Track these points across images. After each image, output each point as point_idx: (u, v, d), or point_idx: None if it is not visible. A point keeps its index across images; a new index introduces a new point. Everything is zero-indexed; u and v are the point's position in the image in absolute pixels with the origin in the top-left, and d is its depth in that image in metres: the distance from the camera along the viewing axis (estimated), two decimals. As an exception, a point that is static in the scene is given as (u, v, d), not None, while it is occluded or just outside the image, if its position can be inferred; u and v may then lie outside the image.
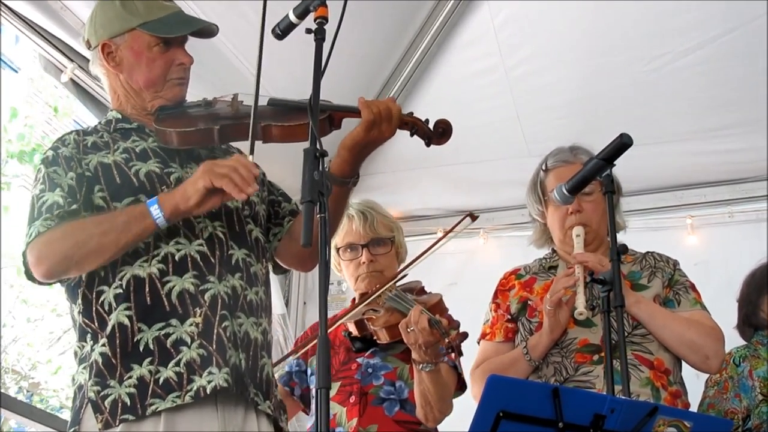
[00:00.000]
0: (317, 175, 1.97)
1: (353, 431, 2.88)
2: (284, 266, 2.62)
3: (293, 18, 2.28)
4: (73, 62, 3.66)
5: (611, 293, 2.50)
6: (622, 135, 2.54)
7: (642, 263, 3.08)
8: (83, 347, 2.26)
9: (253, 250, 2.41)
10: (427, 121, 2.43)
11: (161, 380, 2.16)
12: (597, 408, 2.07)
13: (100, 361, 2.20)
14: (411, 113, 2.43)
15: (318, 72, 2.14)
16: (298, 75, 2.66)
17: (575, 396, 2.16)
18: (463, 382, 3.02)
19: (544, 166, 3.17)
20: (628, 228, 3.21)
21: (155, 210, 2.20)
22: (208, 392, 2.16)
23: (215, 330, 2.22)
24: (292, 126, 2.35)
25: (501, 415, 2.02)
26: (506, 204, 4.71)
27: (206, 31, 2.50)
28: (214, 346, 2.20)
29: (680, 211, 4.58)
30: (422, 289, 3.11)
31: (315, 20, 2.20)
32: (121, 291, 2.23)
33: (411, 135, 2.43)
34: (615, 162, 2.58)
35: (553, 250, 3.20)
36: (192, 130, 2.37)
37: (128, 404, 2.14)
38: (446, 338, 2.63)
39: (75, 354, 2.30)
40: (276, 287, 4.59)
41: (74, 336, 2.33)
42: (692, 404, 3.11)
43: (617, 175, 2.93)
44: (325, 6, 2.20)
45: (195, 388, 2.16)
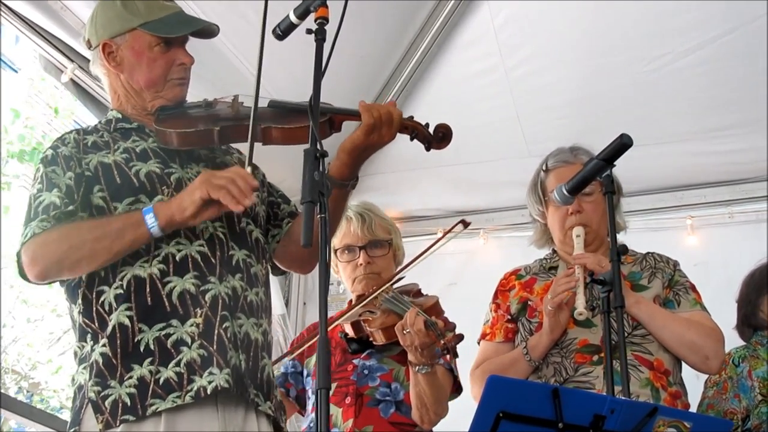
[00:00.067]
0: (317, 176, 1.97)
1: None
2: (282, 268, 2.62)
3: (294, 18, 2.28)
4: (74, 62, 3.66)
5: (611, 294, 2.50)
6: (622, 135, 2.54)
7: (642, 264, 3.08)
8: (83, 347, 2.26)
9: (254, 251, 2.41)
10: (427, 126, 2.43)
11: (161, 380, 2.16)
12: (597, 408, 2.07)
13: (101, 362, 2.20)
14: (411, 117, 2.43)
15: (318, 72, 2.14)
16: (299, 75, 2.67)
17: (575, 396, 2.16)
18: (459, 385, 3.02)
19: (545, 167, 3.17)
20: (628, 228, 3.21)
21: (150, 219, 2.20)
22: (209, 392, 2.16)
23: (216, 330, 2.22)
24: (293, 128, 2.35)
25: (501, 416, 2.02)
26: (506, 204, 4.72)
27: (207, 32, 2.50)
28: (215, 347, 2.20)
29: (680, 212, 4.58)
30: (419, 292, 3.10)
31: (315, 21, 2.20)
32: (122, 291, 2.23)
33: (411, 139, 2.43)
34: (615, 162, 2.58)
35: (554, 251, 3.20)
36: (192, 131, 2.37)
37: (128, 404, 2.14)
38: (442, 340, 2.63)
39: (75, 354, 2.30)
40: (276, 288, 4.59)
41: (74, 336, 2.33)
42: (692, 405, 3.11)
43: (617, 176, 2.94)
44: (326, 6, 2.20)
45: (195, 389, 2.16)
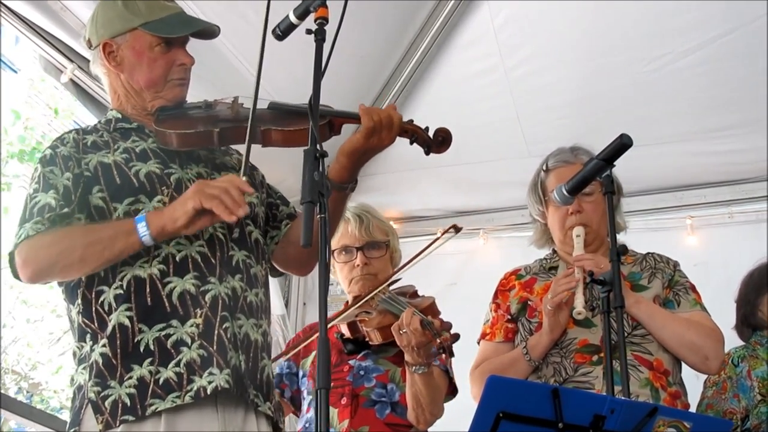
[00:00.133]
0: (317, 176, 1.96)
1: None
2: (280, 270, 2.62)
3: (293, 19, 2.27)
4: (73, 63, 3.65)
5: (611, 294, 2.50)
6: (622, 136, 2.54)
7: (642, 264, 3.08)
8: (82, 347, 2.26)
9: (253, 252, 2.41)
10: (427, 129, 2.44)
11: (161, 380, 2.16)
12: (597, 408, 2.07)
13: (101, 362, 2.20)
14: (411, 121, 2.43)
15: (318, 72, 2.14)
16: (299, 76, 2.66)
17: (575, 396, 2.16)
18: (455, 387, 3.02)
19: (545, 167, 3.17)
20: (628, 228, 3.21)
21: (142, 228, 2.19)
22: (209, 392, 2.16)
23: (216, 331, 2.22)
24: (292, 131, 2.35)
25: (501, 416, 2.02)
26: (506, 205, 4.72)
27: (208, 32, 2.50)
28: (215, 347, 2.20)
29: (680, 212, 4.58)
30: (415, 293, 3.10)
31: (315, 21, 2.19)
32: (122, 291, 2.23)
33: (411, 143, 2.44)
34: (615, 162, 2.58)
35: (554, 251, 3.20)
36: (191, 132, 2.37)
37: (128, 405, 2.14)
38: (438, 339, 2.63)
39: (74, 354, 2.30)
40: (276, 288, 4.59)
41: (72, 336, 2.33)
42: (692, 405, 3.11)
43: (617, 176, 2.94)
44: (326, 7, 2.20)
45: (195, 389, 2.16)
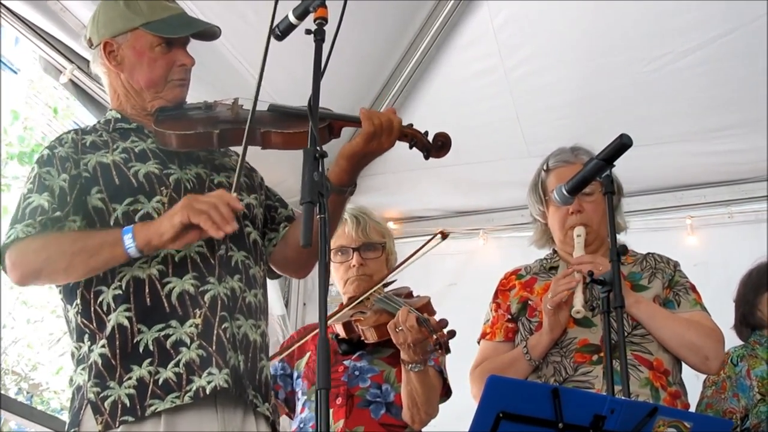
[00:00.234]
0: (317, 176, 1.96)
1: None
2: (278, 272, 2.61)
3: (293, 19, 2.27)
4: (73, 63, 3.65)
5: (611, 294, 2.50)
6: (622, 136, 2.54)
7: (642, 264, 3.08)
8: (80, 348, 2.25)
9: (252, 253, 2.41)
10: (427, 134, 2.44)
11: (161, 381, 2.16)
12: (597, 408, 2.07)
13: (100, 362, 2.19)
14: (410, 125, 2.43)
15: (318, 73, 2.13)
16: (298, 76, 2.66)
17: (575, 396, 2.16)
18: (448, 388, 3.02)
19: (546, 167, 3.17)
20: (628, 228, 3.21)
21: (128, 239, 2.17)
22: (208, 392, 2.16)
23: (215, 331, 2.22)
24: (292, 133, 2.35)
25: (501, 416, 2.02)
26: (506, 205, 4.72)
27: (209, 33, 2.50)
28: (214, 347, 2.20)
29: (680, 212, 4.58)
30: (410, 294, 3.11)
31: (315, 21, 2.19)
32: (121, 292, 2.23)
33: (410, 147, 2.45)
34: (615, 162, 2.58)
35: (554, 251, 3.20)
36: (191, 133, 2.36)
37: (128, 405, 2.14)
38: (434, 335, 2.65)
39: (72, 355, 2.30)
40: (276, 288, 4.58)
41: (70, 337, 2.32)
42: (692, 405, 3.11)
43: (617, 176, 2.94)
44: (325, 7, 2.20)
45: (194, 389, 2.15)
